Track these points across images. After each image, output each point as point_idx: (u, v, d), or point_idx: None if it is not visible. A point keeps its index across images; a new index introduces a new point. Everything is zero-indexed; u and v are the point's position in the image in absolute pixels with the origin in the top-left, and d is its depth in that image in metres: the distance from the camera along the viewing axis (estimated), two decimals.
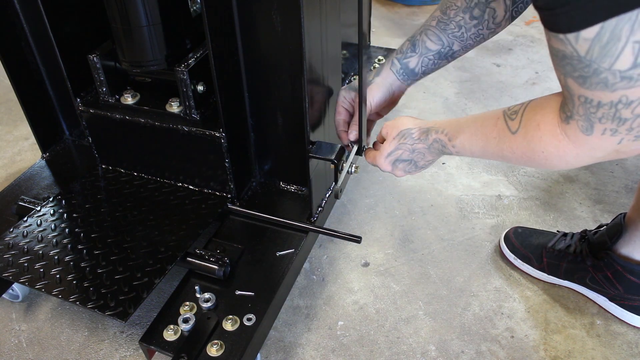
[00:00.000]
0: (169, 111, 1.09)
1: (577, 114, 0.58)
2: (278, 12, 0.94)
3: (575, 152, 0.63)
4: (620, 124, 0.56)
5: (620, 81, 0.51)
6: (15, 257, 1.00)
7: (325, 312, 1.10)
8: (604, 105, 0.55)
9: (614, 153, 0.61)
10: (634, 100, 0.53)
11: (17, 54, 1.23)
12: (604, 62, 0.51)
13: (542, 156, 0.66)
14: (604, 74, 0.51)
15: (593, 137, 0.59)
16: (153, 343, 0.90)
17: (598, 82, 0.53)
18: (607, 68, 0.51)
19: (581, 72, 0.53)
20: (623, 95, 0.52)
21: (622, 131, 0.56)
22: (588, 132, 0.59)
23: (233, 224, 1.14)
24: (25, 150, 1.61)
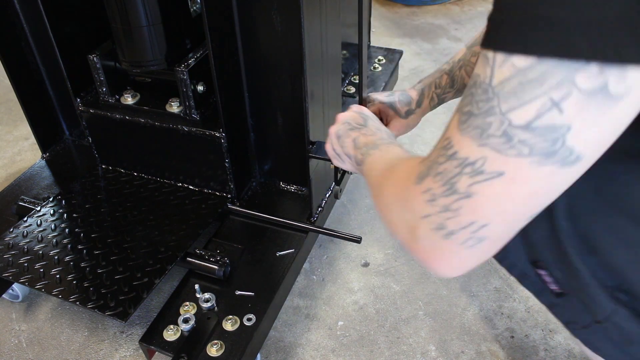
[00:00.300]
0: (169, 111, 1.09)
1: (427, 158, 0.49)
2: (278, 12, 0.94)
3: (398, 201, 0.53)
4: (447, 193, 0.45)
5: (499, 137, 0.41)
6: (15, 257, 1.00)
7: (325, 312, 1.10)
8: (455, 159, 0.45)
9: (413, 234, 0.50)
10: (484, 171, 0.42)
11: (17, 54, 1.23)
12: (505, 104, 0.40)
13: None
14: (493, 117, 0.41)
15: (416, 188, 0.49)
16: (153, 343, 0.90)
17: (477, 127, 0.42)
18: (503, 112, 0.40)
19: (473, 107, 0.43)
20: (483, 157, 0.42)
21: (439, 205, 0.46)
22: (419, 180, 0.49)
23: (233, 224, 1.14)
24: (25, 150, 1.61)
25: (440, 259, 0.50)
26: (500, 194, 0.43)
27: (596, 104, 0.37)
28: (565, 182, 0.42)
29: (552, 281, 0.60)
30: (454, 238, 0.47)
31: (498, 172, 0.42)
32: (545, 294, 0.62)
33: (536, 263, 0.60)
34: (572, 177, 0.42)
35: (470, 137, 0.43)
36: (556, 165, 0.40)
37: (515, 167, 0.41)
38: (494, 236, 0.46)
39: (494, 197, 0.43)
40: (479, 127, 0.42)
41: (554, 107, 0.38)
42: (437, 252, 0.50)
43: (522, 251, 0.60)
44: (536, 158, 0.40)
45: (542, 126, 0.38)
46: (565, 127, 0.38)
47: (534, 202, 0.44)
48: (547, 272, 0.59)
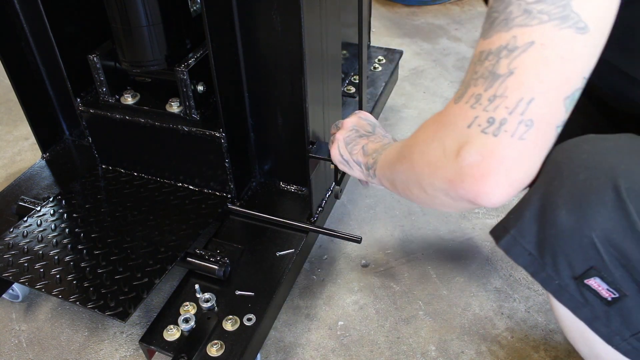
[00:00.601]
0: (169, 111, 1.09)
1: (461, 83, 0.55)
2: (278, 12, 0.94)
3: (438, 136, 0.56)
4: (491, 83, 0.50)
5: (521, 15, 0.49)
6: (15, 257, 1.00)
7: (325, 312, 1.10)
8: (490, 54, 0.51)
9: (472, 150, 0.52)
10: (518, 46, 0.49)
11: (17, 54, 1.23)
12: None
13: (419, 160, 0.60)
14: (512, 6, 0.49)
15: (458, 105, 0.53)
16: (153, 343, 0.90)
17: (502, 20, 0.50)
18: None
19: (494, 15, 0.51)
20: (514, 36, 0.49)
21: (485, 100, 0.51)
22: (458, 99, 0.54)
23: (233, 224, 1.14)
24: (25, 150, 1.61)
25: (494, 168, 0.51)
26: (537, 59, 0.48)
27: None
28: (583, 53, 0.49)
29: (605, 288, 0.57)
30: (505, 129, 0.49)
31: (529, 42, 0.49)
32: (588, 306, 0.59)
33: (587, 272, 0.57)
34: (588, 49, 0.49)
35: (498, 32, 0.50)
36: (572, 29, 0.48)
37: (541, 32, 0.48)
38: (540, 118, 0.49)
39: (532, 64, 0.49)
40: (503, 20, 0.50)
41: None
42: (490, 161, 0.51)
43: (564, 265, 0.58)
44: (555, 22, 0.48)
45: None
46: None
47: (566, 68, 0.49)
48: (599, 278, 0.57)
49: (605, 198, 0.53)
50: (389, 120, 1.67)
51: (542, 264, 0.59)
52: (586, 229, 0.54)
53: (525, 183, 0.54)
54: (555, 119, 0.51)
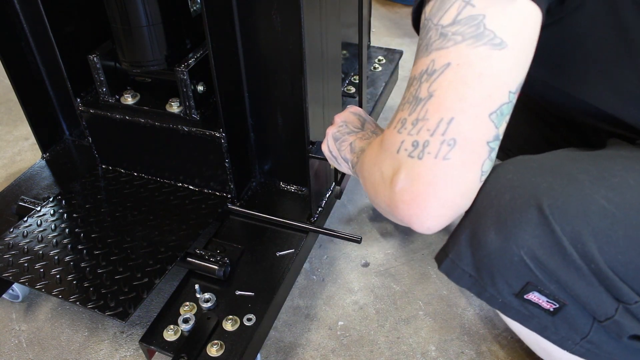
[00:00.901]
0: (169, 111, 1.09)
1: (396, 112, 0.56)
2: (278, 12, 0.94)
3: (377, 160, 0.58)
4: (413, 108, 0.52)
5: (438, 39, 0.50)
6: (15, 257, 1.00)
7: (325, 312, 1.10)
8: (414, 80, 0.53)
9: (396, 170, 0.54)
10: (436, 69, 0.50)
11: (17, 54, 1.23)
12: (435, 17, 0.51)
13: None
14: (431, 31, 0.51)
15: (388, 131, 0.56)
16: (153, 343, 0.90)
17: (424, 46, 0.52)
18: (435, 23, 0.51)
19: (420, 41, 0.54)
20: (432, 60, 0.51)
21: (409, 124, 0.52)
22: (389, 123, 0.56)
23: (233, 224, 1.14)
24: (25, 150, 1.61)
25: (423, 191, 0.51)
26: (453, 80, 0.49)
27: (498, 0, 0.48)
28: (503, 68, 0.49)
29: (545, 300, 0.59)
30: (429, 151, 0.50)
31: (446, 64, 0.50)
32: (535, 319, 0.61)
33: (525, 288, 0.58)
34: (508, 63, 0.49)
35: (420, 57, 0.53)
36: (487, 46, 0.49)
37: (457, 53, 0.49)
38: (463, 136, 0.50)
39: (449, 85, 0.49)
40: (424, 46, 0.52)
41: (468, 4, 0.49)
42: (418, 184, 0.51)
43: (502, 284, 0.59)
44: (469, 41, 0.49)
45: (464, 18, 0.49)
46: (481, 15, 0.48)
47: (485, 84, 0.49)
48: (537, 292, 0.58)
49: (529, 216, 0.54)
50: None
51: (483, 284, 0.60)
52: (514, 248, 0.55)
53: (461, 203, 0.54)
54: (482, 135, 0.50)
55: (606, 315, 0.57)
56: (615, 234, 0.53)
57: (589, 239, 0.53)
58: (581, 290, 0.56)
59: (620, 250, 0.53)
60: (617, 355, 0.60)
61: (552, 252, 0.54)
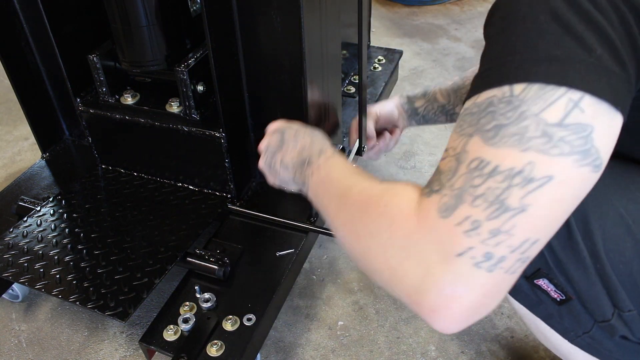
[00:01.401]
0: (169, 111, 1.09)
1: (449, 188, 0.44)
2: (278, 12, 0.94)
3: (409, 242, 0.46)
4: (496, 214, 0.42)
5: (540, 137, 0.41)
6: (15, 257, 1.00)
7: (325, 312, 1.10)
8: (498, 174, 0.42)
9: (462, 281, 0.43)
10: (535, 178, 0.41)
11: (17, 54, 1.23)
12: (536, 105, 0.42)
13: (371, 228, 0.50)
14: (529, 120, 0.42)
15: (446, 222, 0.43)
16: (153, 343, 0.90)
17: (515, 134, 0.42)
18: (536, 113, 0.42)
19: (501, 119, 0.43)
20: (530, 162, 0.42)
21: (484, 232, 0.42)
22: (446, 212, 0.44)
23: (233, 224, 1.13)
24: (25, 150, 1.61)
25: (479, 305, 0.44)
26: (553, 199, 0.42)
27: (606, 110, 0.42)
28: (588, 190, 0.44)
29: (553, 289, 0.59)
30: (501, 269, 0.43)
31: (548, 176, 0.42)
32: (542, 305, 0.62)
33: (536, 273, 0.59)
34: (593, 184, 0.44)
35: (510, 146, 0.42)
36: (589, 167, 0.42)
37: (562, 167, 0.42)
38: (534, 252, 0.44)
39: (548, 204, 0.42)
40: (516, 134, 0.42)
41: (576, 107, 0.41)
42: (477, 298, 0.43)
43: None
44: (576, 157, 0.42)
45: (574, 124, 0.41)
46: (590, 127, 0.42)
47: (572, 208, 0.44)
48: (547, 280, 0.58)
49: None
50: None
51: None
52: None
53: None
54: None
55: (604, 317, 0.57)
56: (624, 244, 0.53)
57: (599, 241, 0.53)
58: (585, 289, 0.56)
59: (625, 260, 0.53)
60: (616, 353, 0.61)
61: (566, 245, 0.55)
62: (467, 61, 1.98)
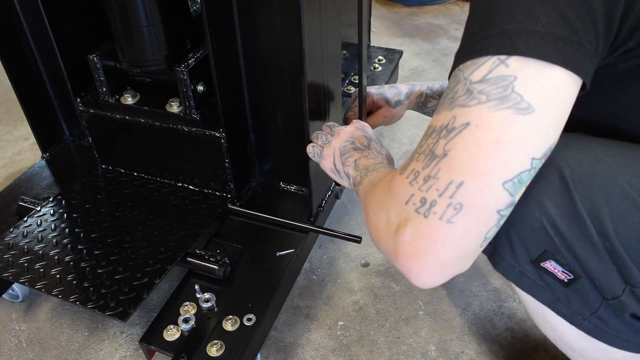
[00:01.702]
0: (169, 111, 1.09)
1: (410, 156, 0.56)
2: (278, 12, 0.94)
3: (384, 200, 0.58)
4: (427, 162, 0.51)
5: (463, 94, 0.49)
6: (15, 257, 1.00)
7: (325, 312, 1.10)
8: (433, 132, 0.52)
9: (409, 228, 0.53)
10: (455, 127, 0.49)
11: (17, 54, 1.23)
12: (467, 70, 0.49)
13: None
14: (459, 85, 0.50)
15: (400, 177, 0.55)
16: (153, 343, 0.90)
17: (449, 98, 0.51)
18: (465, 77, 0.49)
19: (447, 90, 0.52)
20: (454, 116, 0.49)
21: (420, 179, 0.51)
22: (402, 170, 0.55)
23: (233, 224, 1.14)
24: (25, 150, 1.61)
25: (423, 250, 0.51)
26: (469, 143, 0.48)
27: (534, 65, 0.47)
28: (526, 134, 0.48)
29: (560, 270, 0.60)
30: (434, 211, 0.50)
31: (465, 124, 0.48)
32: (548, 289, 0.62)
33: (542, 255, 0.59)
34: (532, 129, 0.48)
35: (444, 109, 0.51)
36: (511, 110, 0.47)
37: (477, 114, 0.48)
38: (470, 202, 0.49)
39: (463, 147, 0.48)
40: (450, 98, 0.50)
41: (502, 64, 0.47)
42: (420, 242, 0.51)
43: (521, 249, 0.60)
44: (493, 102, 0.47)
45: (495, 77, 0.47)
46: (512, 77, 0.47)
47: (500, 151, 0.48)
48: (554, 261, 0.59)
49: (554, 186, 0.55)
50: None
51: (502, 252, 0.61)
52: (537, 214, 0.56)
53: (460, 265, 0.54)
54: (492, 203, 0.50)
55: (613, 294, 0.57)
56: (632, 218, 0.53)
57: (607, 218, 0.54)
58: (594, 266, 0.56)
59: (635, 236, 0.53)
60: (623, 332, 0.60)
61: (572, 224, 0.55)
62: None
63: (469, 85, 0.48)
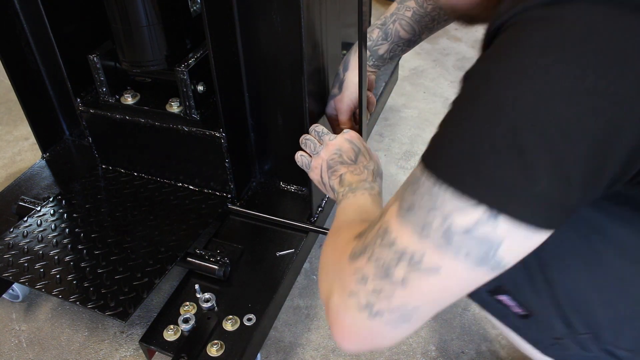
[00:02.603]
0: (169, 111, 1.09)
1: (364, 238, 0.50)
2: (278, 12, 0.94)
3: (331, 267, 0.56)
4: (381, 276, 0.47)
5: (440, 235, 0.43)
6: (15, 257, 1.00)
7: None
8: (393, 245, 0.46)
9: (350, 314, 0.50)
10: (421, 264, 0.44)
11: (17, 54, 1.23)
12: (449, 203, 0.43)
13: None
14: (436, 215, 0.43)
15: (349, 265, 0.50)
16: (153, 343, 0.90)
17: (418, 220, 0.44)
18: (445, 213, 0.43)
19: (418, 200, 0.45)
20: (423, 249, 0.44)
21: (370, 286, 0.47)
22: (352, 258, 0.50)
23: (233, 224, 1.14)
24: (25, 150, 1.61)
25: (357, 336, 0.50)
26: (435, 287, 0.45)
27: (524, 231, 0.41)
28: (483, 281, 0.46)
29: (515, 305, 0.61)
30: (380, 319, 0.48)
31: (435, 268, 0.44)
32: (509, 317, 0.63)
33: (497, 289, 0.60)
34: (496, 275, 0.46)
35: (412, 229, 0.45)
36: (486, 269, 0.44)
37: (451, 265, 0.44)
38: (420, 317, 0.48)
39: (428, 289, 0.46)
40: (419, 221, 0.44)
41: (490, 220, 0.41)
42: (357, 330, 0.50)
43: None
44: (470, 263, 0.43)
45: (480, 235, 0.42)
46: (498, 242, 0.42)
47: (463, 293, 0.47)
48: (509, 296, 0.60)
49: None
50: (388, 120, 1.67)
51: None
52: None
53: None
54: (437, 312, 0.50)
55: (558, 335, 0.59)
56: (578, 274, 0.56)
57: (554, 269, 0.56)
58: (538, 310, 0.59)
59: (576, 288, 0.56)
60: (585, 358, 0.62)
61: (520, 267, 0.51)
62: (467, 61, 1.98)
63: (448, 228, 0.42)
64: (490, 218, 0.41)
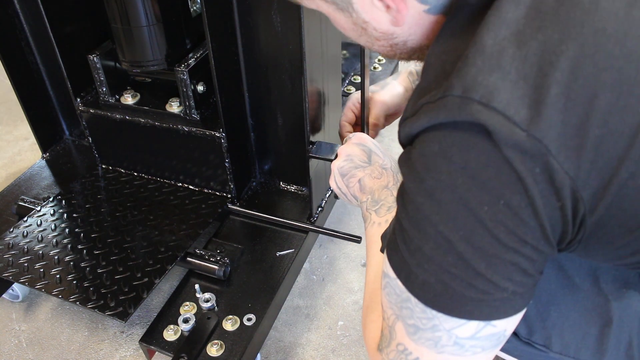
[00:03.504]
0: (169, 111, 1.09)
1: (386, 355, 0.53)
2: (278, 12, 0.94)
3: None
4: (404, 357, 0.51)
5: (452, 345, 0.48)
6: (15, 257, 1.00)
7: (325, 312, 1.10)
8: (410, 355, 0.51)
9: None
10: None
11: (17, 54, 1.23)
12: (447, 323, 0.47)
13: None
14: (441, 332, 0.48)
15: (377, 356, 0.55)
16: (153, 343, 0.90)
17: (429, 339, 0.48)
18: (447, 329, 0.47)
19: (418, 322, 0.49)
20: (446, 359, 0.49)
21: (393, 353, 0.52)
22: (381, 347, 0.54)
23: (233, 224, 1.14)
24: (25, 150, 1.61)
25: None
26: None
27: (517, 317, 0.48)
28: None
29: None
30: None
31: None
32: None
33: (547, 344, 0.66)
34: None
35: (427, 347, 0.49)
36: (500, 346, 0.50)
37: (475, 359, 0.49)
38: None
39: None
40: (430, 339, 0.48)
41: (488, 325, 0.47)
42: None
43: None
44: (488, 352, 0.49)
45: (485, 335, 0.47)
46: (502, 332, 0.48)
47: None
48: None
49: None
50: None
51: None
52: None
53: None
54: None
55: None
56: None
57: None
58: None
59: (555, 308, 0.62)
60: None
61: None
62: None
63: (456, 340, 0.47)
64: (487, 324, 0.46)
